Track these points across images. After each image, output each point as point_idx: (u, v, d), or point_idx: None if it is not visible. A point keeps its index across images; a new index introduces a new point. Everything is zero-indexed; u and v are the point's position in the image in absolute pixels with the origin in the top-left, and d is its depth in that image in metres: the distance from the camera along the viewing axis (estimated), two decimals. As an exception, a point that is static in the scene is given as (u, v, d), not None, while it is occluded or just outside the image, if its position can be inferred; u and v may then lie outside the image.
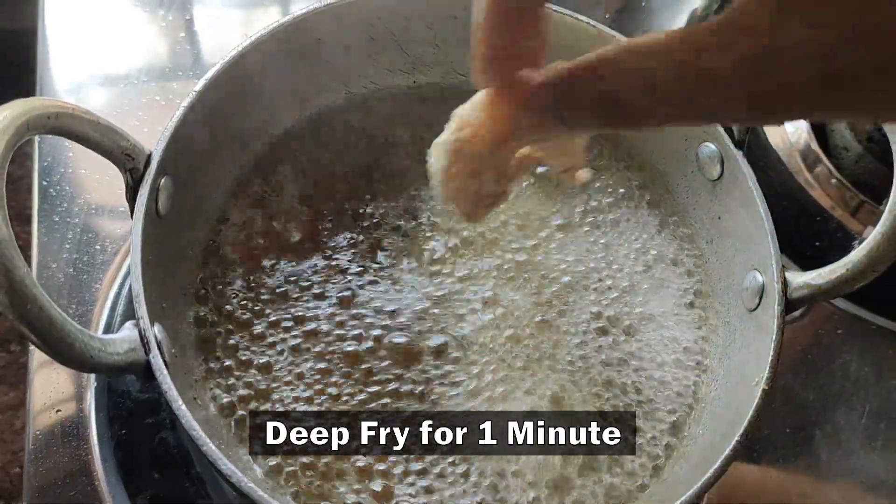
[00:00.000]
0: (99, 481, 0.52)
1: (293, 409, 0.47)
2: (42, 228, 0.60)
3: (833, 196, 0.70)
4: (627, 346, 0.51)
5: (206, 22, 0.73)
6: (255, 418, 0.46)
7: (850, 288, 0.44)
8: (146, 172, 0.43)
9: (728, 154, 0.51)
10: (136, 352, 0.39)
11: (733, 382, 0.48)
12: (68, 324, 0.35)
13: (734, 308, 0.51)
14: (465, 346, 0.50)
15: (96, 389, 0.55)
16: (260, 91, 0.53)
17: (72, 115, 0.39)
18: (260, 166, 0.55)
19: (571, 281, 0.53)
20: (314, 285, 0.51)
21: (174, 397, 0.38)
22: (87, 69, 0.69)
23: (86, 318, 0.57)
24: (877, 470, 0.60)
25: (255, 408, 0.47)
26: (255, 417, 0.46)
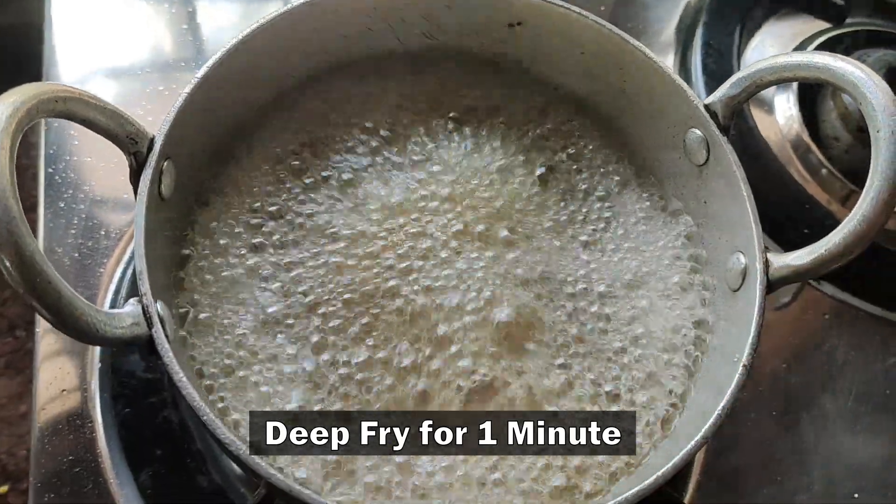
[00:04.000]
0: (103, 458, 0.53)
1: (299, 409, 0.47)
2: (48, 214, 0.61)
3: (823, 185, 0.71)
4: (614, 327, 0.53)
5: (209, 14, 0.75)
6: (254, 418, 0.47)
7: (829, 268, 0.46)
8: (149, 156, 0.45)
9: (714, 139, 0.52)
10: (139, 326, 0.40)
11: (717, 362, 0.50)
12: (76, 298, 0.37)
13: (719, 289, 0.52)
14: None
15: (100, 371, 0.56)
16: (260, 78, 0.55)
17: (79, 99, 0.41)
18: (260, 152, 0.56)
19: (556, 264, 0.54)
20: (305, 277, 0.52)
21: (175, 370, 0.40)
22: (92, 62, 0.70)
23: (91, 301, 0.58)
24: (861, 453, 0.62)
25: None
26: (253, 417, 0.47)
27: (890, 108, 0.43)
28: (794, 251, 0.47)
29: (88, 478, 0.53)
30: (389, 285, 0.51)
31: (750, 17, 0.80)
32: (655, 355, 0.52)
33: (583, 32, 0.56)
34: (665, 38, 0.80)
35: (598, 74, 0.58)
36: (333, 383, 0.48)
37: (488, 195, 0.56)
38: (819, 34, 0.79)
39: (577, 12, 0.55)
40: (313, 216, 0.54)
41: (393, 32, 0.58)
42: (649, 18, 0.81)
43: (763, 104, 0.75)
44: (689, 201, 0.56)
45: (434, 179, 0.56)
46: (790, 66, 0.48)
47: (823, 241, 0.46)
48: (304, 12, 0.54)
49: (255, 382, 0.48)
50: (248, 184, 0.54)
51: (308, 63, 0.57)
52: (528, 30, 0.58)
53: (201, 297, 0.50)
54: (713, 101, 0.52)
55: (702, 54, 0.76)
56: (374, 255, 0.52)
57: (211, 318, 0.49)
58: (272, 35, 0.53)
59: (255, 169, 0.55)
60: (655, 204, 0.58)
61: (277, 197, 0.54)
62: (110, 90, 0.69)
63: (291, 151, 0.56)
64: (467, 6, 0.57)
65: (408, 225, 0.54)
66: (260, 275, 0.51)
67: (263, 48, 0.53)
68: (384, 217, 0.54)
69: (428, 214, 0.54)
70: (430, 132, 0.58)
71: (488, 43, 0.59)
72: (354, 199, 0.54)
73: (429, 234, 0.53)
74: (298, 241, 0.53)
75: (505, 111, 0.60)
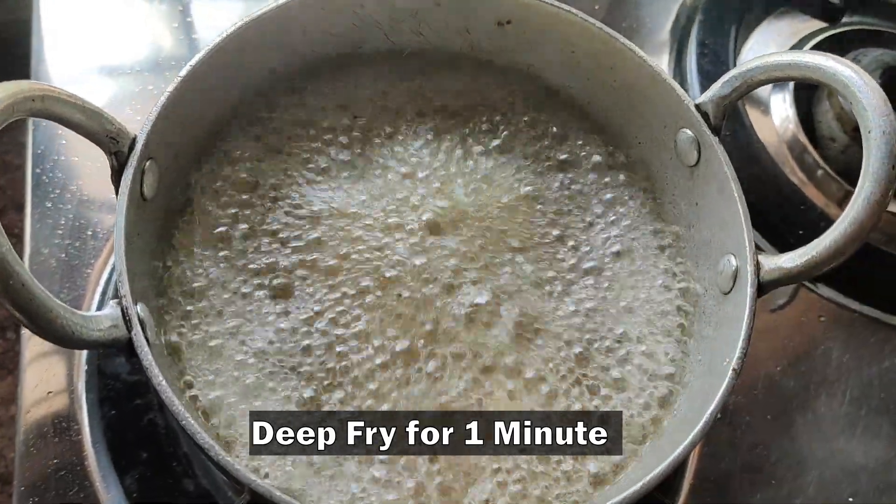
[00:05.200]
0: (89, 462, 0.53)
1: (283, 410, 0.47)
2: (35, 215, 0.61)
3: (819, 186, 0.71)
4: (606, 329, 0.52)
5: (200, 12, 0.74)
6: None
7: (821, 271, 0.45)
8: (131, 155, 0.44)
9: (705, 140, 0.51)
10: (117, 329, 0.40)
11: (707, 366, 0.49)
12: (50, 300, 0.36)
13: (710, 292, 0.52)
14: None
15: (87, 373, 0.56)
16: (245, 77, 0.54)
17: (57, 98, 0.40)
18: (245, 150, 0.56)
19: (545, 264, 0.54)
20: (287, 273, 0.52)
21: (155, 373, 0.39)
22: (81, 59, 0.70)
23: (77, 302, 0.58)
24: (856, 457, 0.61)
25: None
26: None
27: (881, 108, 0.43)
28: (786, 253, 0.47)
29: (74, 481, 0.52)
30: (382, 273, 0.52)
31: (746, 16, 0.79)
32: (644, 354, 0.51)
33: (573, 31, 0.56)
34: (660, 37, 0.80)
35: (589, 74, 0.58)
36: (323, 384, 0.48)
37: (475, 196, 0.55)
38: (816, 33, 0.78)
39: (567, 10, 0.55)
40: (301, 207, 0.54)
41: (381, 30, 0.58)
42: (644, 17, 0.81)
43: (759, 104, 0.74)
44: (681, 202, 0.55)
45: (417, 179, 0.56)
46: (781, 66, 0.48)
47: (814, 244, 0.45)
48: (292, 9, 0.53)
49: (236, 378, 0.48)
50: (235, 180, 0.54)
51: (295, 61, 0.57)
52: (517, 28, 0.57)
53: (187, 297, 0.49)
54: (704, 100, 0.51)
55: (697, 54, 0.75)
56: (359, 240, 0.53)
57: (197, 316, 0.49)
58: (258, 33, 0.52)
59: (242, 165, 0.55)
60: (646, 203, 0.57)
61: (265, 191, 0.54)
62: (100, 88, 0.69)
63: (279, 148, 0.56)
64: (456, 4, 0.56)
65: (391, 219, 0.54)
66: (249, 270, 0.51)
67: (249, 46, 0.52)
68: (369, 212, 0.54)
69: (408, 210, 0.54)
70: (417, 131, 0.58)
71: (478, 41, 0.59)
72: (341, 192, 0.54)
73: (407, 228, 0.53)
74: (287, 234, 0.52)
75: (493, 110, 0.59)
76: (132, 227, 0.44)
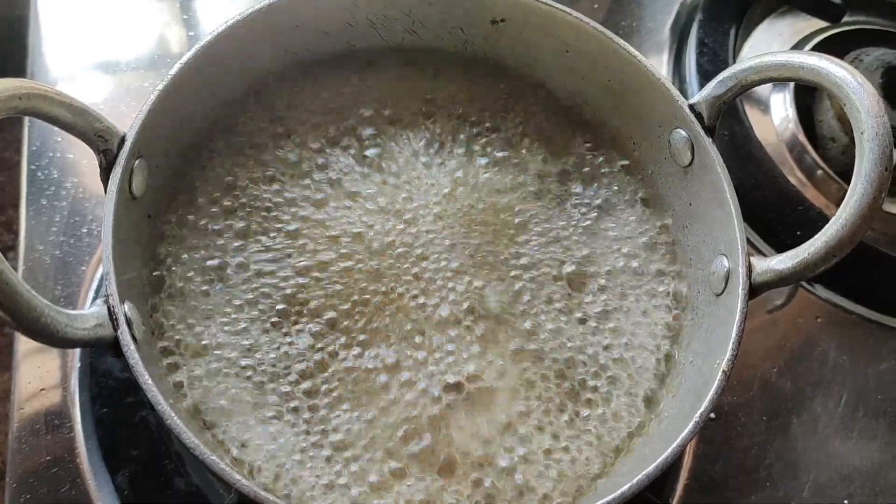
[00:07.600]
0: (81, 459, 0.53)
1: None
2: (30, 211, 0.61)
3: (818, 187, 0.70)
4: (598, 330, 0.52)
5: (197, 9, 0.74)
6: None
7: (813, 272, 0.45)
8: (119, 154, 0.44)
9: (698, 140, 0.51)
10: (103, 328, 0.40)
11: (698, 367, 0.49)
12: (35, 298, 0.36)
13: (703, 293, 0.51)
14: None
15: (80, 370, 0.56)
16: (236, 76, 0.54)
17: (43, 95, 0.40)
18: (237, 148, 0.56)
19: (544, 265, 0.54)
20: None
21: (140, 372, 0.39)
22: (78, 56, 0.70)
23: (72, 299, 0.58)
24: (852, 458, 0.61)
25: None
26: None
27: (874, 109, 0.42)
28: (778, 255, 0.46)
29: (66, 478, 0.53)
30: (379, 273, 0.52)
31: (746, 16, 0.79)
32: (635, 354, 0.51)
33: (567, 30, 0.55)
34: (660, 36, 0.79)
35: (584, 73, 0.57)
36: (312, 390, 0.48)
37: (466, 197, 0.55)
38: (817, 33, 0.78)
39: (561, 9, 0.54)
40: (293, 205, 0.54)
41: (375, 29, 0.57)
42: (644, 16, 0.80)
43: (759, 103, 0.74)
44: (675, 203, 0.55)
45: (412, 178, 0.56)
46: (775, 66, 0.47)
47: (806, 245, 0.45)
48: (285, 7, 0.53)
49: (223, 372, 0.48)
50: (225, 179, 0.54)
51: (287, 59, 0.57)
52: (511, 27, 0.57)
53: (178, 295, 0.49)
54: (698, 100, 0.51)
55: (696, 53, 0.75)
56: (359, 240, 0.53)
57: (188, 314, 0.49)
58: (249, 31, 0.52)
59: (233, 164, 0.54)
60: (640, 204, 0.57)
61: (256, 191, 0.54)
62: (95, 86, 0.69)
63: (270, 147, 0.56)
64: (450, 2, 0.56)
65: (390, 224, 0.54)
66: (242, 268, 0.51)
67: (241, 44, 0.52)
68: (367, 212, 0.54)
69: (409, 213, 0.54)
70: (412, 131, 0.57)
71: (471, 40, 0.59)
72: (332, 193, 0.54)
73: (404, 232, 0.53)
74: (279, 232, 0.52)
75: (487, 109, 0.59)
76: (121, 225, 0.44)
